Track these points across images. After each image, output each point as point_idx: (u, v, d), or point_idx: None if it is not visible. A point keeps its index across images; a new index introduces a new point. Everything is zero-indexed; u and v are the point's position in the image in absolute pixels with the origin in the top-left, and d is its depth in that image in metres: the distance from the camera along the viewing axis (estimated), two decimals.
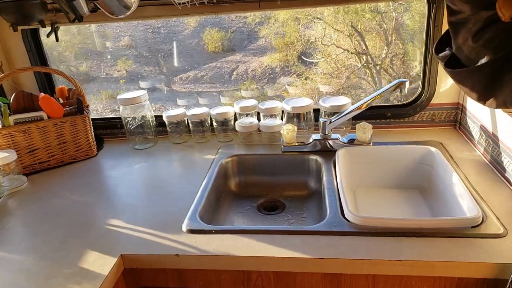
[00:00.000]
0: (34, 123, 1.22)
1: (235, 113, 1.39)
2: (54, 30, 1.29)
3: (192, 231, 0.92)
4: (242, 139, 1.38)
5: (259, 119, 1.38)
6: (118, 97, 1.33)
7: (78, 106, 1.29)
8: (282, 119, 1.38)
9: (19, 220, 1.03)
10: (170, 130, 1.41)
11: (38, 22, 1.20)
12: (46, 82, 1.45)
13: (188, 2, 1.05)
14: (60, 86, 1.39)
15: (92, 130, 1.35)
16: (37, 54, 1.40)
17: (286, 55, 7.13)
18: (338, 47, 5.71)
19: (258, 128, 1.35)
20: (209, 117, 1.40)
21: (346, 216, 0.91)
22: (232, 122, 1.39)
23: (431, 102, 1.31)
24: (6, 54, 1.37)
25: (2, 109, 1.20)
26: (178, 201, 1.05)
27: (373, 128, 1.22)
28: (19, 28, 1.32)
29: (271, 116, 1.36)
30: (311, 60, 6.42)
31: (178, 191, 1.11)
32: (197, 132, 1.41)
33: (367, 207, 1.12)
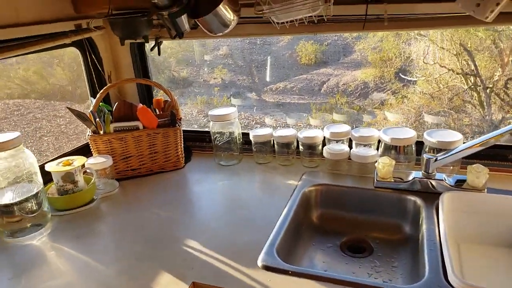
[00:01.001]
0: (131, 132, 1.27)
1: (324, 138, 1.29)
2: (158, 44, 1.33)
3: (267, 268, 0.84)
4: (329, 167, 1.27)
5: (350, 147, 1.26)
6: (209, 113, 1.33)
7: (171, 119, 1.31)
8: (377, 149, 1.24)
9: (107, 227, 1.06)
10: (255, 149, 1.37)
11: (142, 37, 1.25)
12: (146, 93, 1.52)
13: (287, 22, 0.99)
14: (157, 98, 1.44)
15: (182, 142, 1.36)
16: (141, 66, 1.47)
17: (382, 71, 6.77)
18: (442, 66, 5.22)
19: (349, 157, 1.24)
20: (295, 140, 1.32)
21: (450, 280, 0.75)
22: (320, 147, 1.29)
23: None
24: (115, 65, 1.46)
25: (105, 116, 1.27)
26: (256, 229, 0.98)
27: (489, 172, 1.02)
28: (128, 41, 1.40)
29: (365, 145, 1.23)
30: (409, 78, 5.99)
31: (258, 217, 1.04)
32: (282, 153, 1.34)
33: (475, 269, 0.93)
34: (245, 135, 1.40)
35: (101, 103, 1.34)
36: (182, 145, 1.36)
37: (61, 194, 1.12)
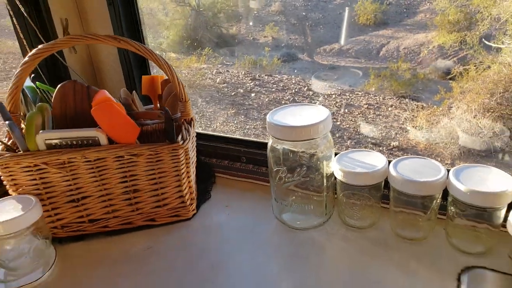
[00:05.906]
0: (81, 151, 0.57)
1: None
2: None
3: None
4: None
5: None
6: (269, 119, 0.59)
7: (166, 125, 0.58)
8: None
9: None
10: (344, 196, 0.62)
11: None
12: (134, 61, 0.79)
13: None
14: (154, 75, 0.71)
15: (194, 169, 0.65)
16: (123, 13, 0.72)
17: (462, 34, 5.50)
18: None
19: None
20: (441, 189, 0.55)
21: None
22: (502, 213, 0.52)
23: None
24: (79, 6, 0.73)
25: (29, 116, 0.57)
26: None
27: None
28: None
29: None
30: (496, 45, 4.73)
31: None
32: (405, 208, 0.58)
33: None
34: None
35: (40, 84, 0.64)
36: (193, 174, 0.65)
37: None
